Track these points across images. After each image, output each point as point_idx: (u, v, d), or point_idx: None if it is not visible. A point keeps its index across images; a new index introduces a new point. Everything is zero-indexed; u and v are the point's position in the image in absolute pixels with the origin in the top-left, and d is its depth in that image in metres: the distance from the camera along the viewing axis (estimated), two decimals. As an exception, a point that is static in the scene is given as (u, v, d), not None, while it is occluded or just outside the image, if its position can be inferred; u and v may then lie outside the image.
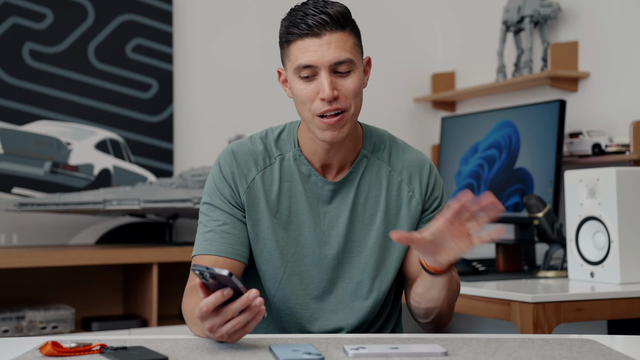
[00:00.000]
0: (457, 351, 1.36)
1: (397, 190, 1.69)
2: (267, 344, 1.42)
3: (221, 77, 3.77)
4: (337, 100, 1.57)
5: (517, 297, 2.30)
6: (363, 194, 1.68)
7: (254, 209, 1.66)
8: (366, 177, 1.69)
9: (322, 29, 1.55)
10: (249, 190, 1.66)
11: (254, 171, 1.67)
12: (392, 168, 1.71)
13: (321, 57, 1.55)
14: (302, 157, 1.68)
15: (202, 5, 3.75)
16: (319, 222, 1.67)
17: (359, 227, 1.68)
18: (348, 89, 1.58)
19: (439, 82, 4.00)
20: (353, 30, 1.61)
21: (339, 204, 1.67)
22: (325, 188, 1.67)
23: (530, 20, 3.32)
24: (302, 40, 1.56)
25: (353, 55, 1.58)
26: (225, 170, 1.67)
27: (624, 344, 1.55)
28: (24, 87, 3.40)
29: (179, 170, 3.65)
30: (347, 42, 1.57)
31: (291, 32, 1.57)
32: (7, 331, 3.04)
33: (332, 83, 1.56)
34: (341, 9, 1.58)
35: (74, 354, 1.32)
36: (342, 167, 1.69)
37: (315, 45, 1.55)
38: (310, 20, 1.55)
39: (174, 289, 3.46)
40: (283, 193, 1.67)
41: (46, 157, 3.42)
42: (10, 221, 3.35)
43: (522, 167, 3.10)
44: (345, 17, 1.58)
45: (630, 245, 2.45)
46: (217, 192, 1.67)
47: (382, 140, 1.73)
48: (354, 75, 1.59)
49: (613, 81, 3.11)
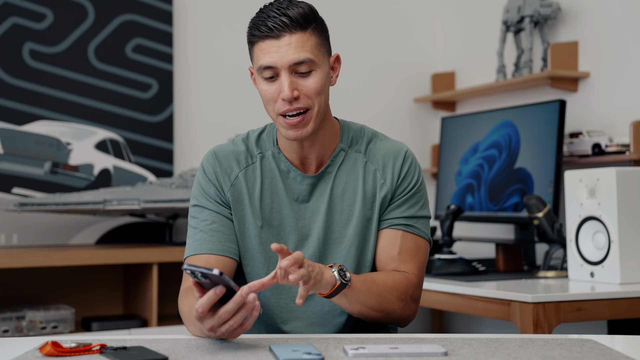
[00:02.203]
0: (457, 351, 1.36)
1: (372, 179, 1.72)
2: (267, 344, 1.42)
3: (221, 77, 3.77)
4: (297, 100, 1.60)
5: (517, 297, 2.30)
6: (340, 185, 1.71)
7: (239, 206, 1.70)
8: (343, 169, 1.72)
9: (281, 31, 1.59)
10: (232, 188, 1.70)
11: (236, 170, 1.71)
12: (368, 159, 1.73)
13: (280, 58, 1.59)
14: (281, 154, 1.72)
15: (202, 5, 3.75)
16: (300, 216, 1.70)
17: (338, 218, 1.70)
18: (309, 88, 1.61)
19: (439, 82, 4.00)
20: (316, 30, 1.63)
21: (318, 197, 1.71)
22: (304, 183, 1.71)
23: (530, 20, 3.32)
24: (263, 41, 1.60)
25: (314, 55, 1.61)
26: (208, 171, 1.72)
27: (624, 344, 1.55)
28: (24, 87, 3.40)
29: (179, 170, 3.65)
30: (307, 42, 1.60)
31: (253, 34, 1.62)
32: (7, 331, 3.04)
33: (292, 84, 1.59)
34: (303, 10, 1.61)
35: (74, 354, 1.32)
36: (320, 162, 1.72)
37: (275, 46, 1.59)
38: (271, 23, 1.59)
39: (174, 289, 3.46)
40: (265, 190, 1.70)
41: (46, 157, 3.41)
42: (10, 221, 3.35)
43: (522, 167, 3.10)
44: (306, 18, 1.61)
45: (630, 245, 2.45)
46: (202, 193, 1.71)
47: (360, 134, 1.76)
48: (315, 75, 1.61)
49: (613, 81, 3.11)
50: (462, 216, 3.32)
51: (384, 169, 1.72)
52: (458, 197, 3.42)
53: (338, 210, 1.70)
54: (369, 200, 1.71)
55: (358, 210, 1.70)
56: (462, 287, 2.53)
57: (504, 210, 3.16)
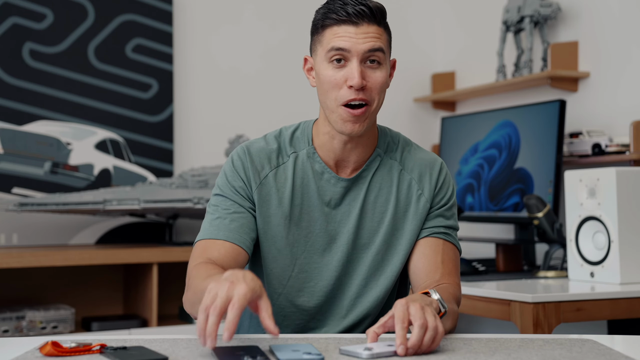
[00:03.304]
0: (457, 351, 1.36)
1: (407, 188, 1.70)
2: (267, 344, 1.42)
3: (221, 77, 3.77)
4: (364, 90, 1.58)
5: (517, 297, 2.30)
6: (374, 191, 1.69)
7: (266, 206, 1.66)
8: (378, 175, 1.70)
9: (360, 19, 1.57)
10: (261, 187, 1.66)
11: (267, 169, 1.68)
12: (403, 167, 1.72)
13: (355, 43, 1.57)
14: (316, 154, 1.68)
15: (202, 5, 3.75)
16: (330, 219, 1.67)
17: (369, 225, 1.68)
18: (376, 81, 1.59)
19: (439, 82, 4.00)
20: (387, 29, 1.64)
21: (351, 201, 1.68)
22: (338, 185, 1.68)
23: (530, 20, 3.32)
24: (339, 26, 1.58)
25: (385, 47, 1.61)
26: (237, 165, 1.67)
27: (624, 344, 1.55)
28: (24, 87, 3.40)
29: (179, 170, 3.65)
30: (382, 36, 1.60)
31: (329, 17, 1.59)
32: (7, 331, 3.04)
33: (362, 72, 1.57)
34: (380, 6, 1.61)
35: (74, 354, 1.32)
36: (357, 166, 1.69)
37: (352, 32, 1.57)
38: (350, 9, 1.57)
39: (174, 289, 3.46)
40: (296, 190, 1.67)
41: (46, 157, 3.42)
42: (10, 221, 3.35)
43: (522, 167, 3.10)
44: (383, 14, 1.61)
45: (630, 245, 2.45)
46: (228, 184, 1.67)
47: (395, 141, 1.74)
48: (382, 70, 1.60)
49: (613, 81, 3.11)
50: (462, 216, 3.33)
51: (420, 179, 1.70)
52: (458, 197, 3.42)
53: (369, 216, 1.68)
54: (402, 210, 1.69)
55: (389, 219, 1.68)
56: (462, 287, 2.51)
57: (504, 210, 3.16)
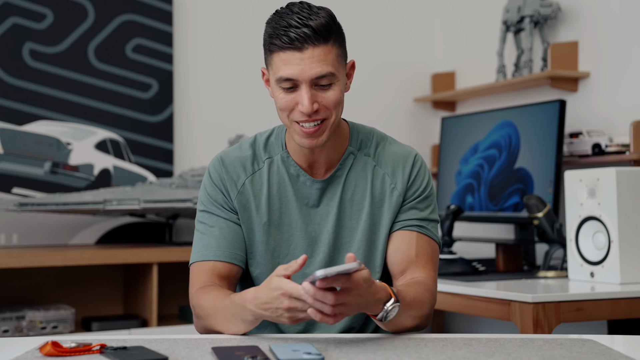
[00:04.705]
0: (457, 351, 1.36)
1: (381, 183, 1.71)
2: (267, 344, 1.42)
3: (221, 77, 3.77)
4: (316, 112, 1.58)
5: (517, 297, 2.30)
6: (350, 189, 1.70)
7: (246, 214, 1.69)
8: (352, 173, 1.71)
9: (304, 43, 1.54)
10: (239, 196, 1.69)
11: (243, 177, 1.70)
12: (377, 162, 1.72)
13: (302, 71, 1.54)
14: (290, 158, 1.70)
15: (202, 6, 3.75)
16: (309, 221, 1.69)
17: (347, 223, 1.69)
18: (329, 100, 1.58)
19: (439, 82, 4.00)
20: (337, 39, 1.60)
21: (328, 202, 1.69)
22: (313, 187, 1.69)
23: (530, 20, 3.32)
24: (284, 52, 1.55)
25: (335, 68, 1.57)
26: (215, 178, 1.70)
27: (624, 344, 1.55)
28: (24, 87, 3.40)
29: (179, 170, 3.65)
30: (329, 55, 1.56)
31: (273, 43, 1.56)
32: (7, 331, 3.04)
33: (312, 97, 1.56)
34: (324, 20, 1.56)
35: (74, 354, 1.32)
36: (329, 166, 1.70)
37: (297, 59, 1.54)
38: (293, 34, 1.53)
39: (174, 289, 3.46)
40: (273, 195, 1.69)
41: (46, 157, 3.41)
42: (10, 221, 3.35)
43: (522, 167, 3.10)
44: (329, 28, 1.56)
45: (630, 245, 2.45)
46: (209, 199, 1.70)
47: (370, 137, 1.75)
48: (335, 87, 1.59)
49: (613, 81, 3.11)
50: (462, 216, 3.33)
51: (393, 173, 1.71)
52: (458, 197, 3.42)
53: (347, 215, 1.69)
54: (377, 205, 1.69)
55: (366, 215, 1.69)
56: (462, 287, 2.52)
57: (504, 210, 3.16)
